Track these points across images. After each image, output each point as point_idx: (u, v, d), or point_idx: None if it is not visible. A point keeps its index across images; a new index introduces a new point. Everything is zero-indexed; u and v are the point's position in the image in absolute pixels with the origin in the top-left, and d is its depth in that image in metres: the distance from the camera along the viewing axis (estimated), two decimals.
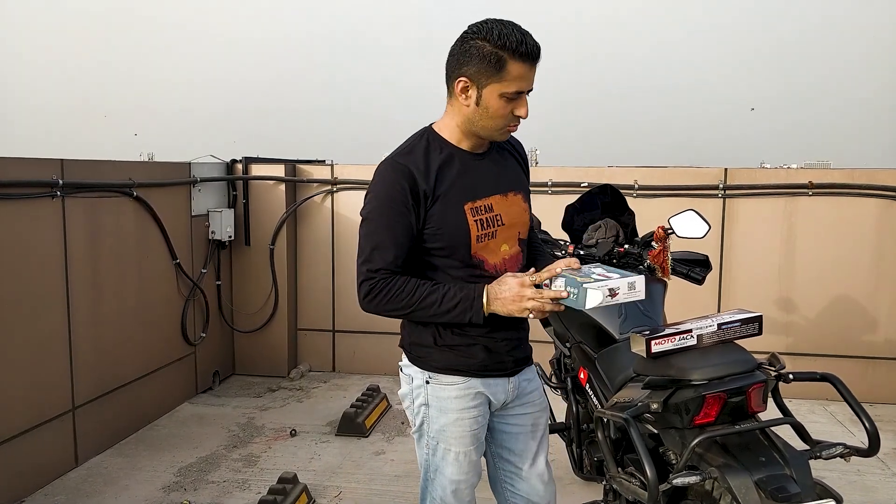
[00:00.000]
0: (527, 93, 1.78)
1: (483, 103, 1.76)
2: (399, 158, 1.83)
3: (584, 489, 3.33)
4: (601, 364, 2.82)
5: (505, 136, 1.86)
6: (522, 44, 1.69)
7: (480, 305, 1.77)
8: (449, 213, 1.80)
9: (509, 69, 1.71)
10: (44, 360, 3.53)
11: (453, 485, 2.00)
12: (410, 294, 1.79)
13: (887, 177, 4.72)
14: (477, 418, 1.96)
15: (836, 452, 1.96)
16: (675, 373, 2.07)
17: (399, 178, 1.78)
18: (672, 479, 1.91)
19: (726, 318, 2.08)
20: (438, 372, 1.94)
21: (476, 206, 1.83)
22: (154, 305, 4.41)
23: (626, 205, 3.17)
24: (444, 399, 1.94)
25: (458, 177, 1.83)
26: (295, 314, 5.46)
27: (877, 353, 4.81)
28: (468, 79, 1.75)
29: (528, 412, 2.07)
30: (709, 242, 4.49)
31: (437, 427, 1.97)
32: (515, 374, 2.02)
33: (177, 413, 4.59)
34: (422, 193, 1.78)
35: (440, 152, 1.84)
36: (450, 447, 1.97)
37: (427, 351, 1.94)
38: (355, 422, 4.20)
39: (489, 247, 1.86)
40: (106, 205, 3.96)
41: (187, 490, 3.49)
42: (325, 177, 5.33)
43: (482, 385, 1.95)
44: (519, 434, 2.07)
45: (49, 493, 3.44)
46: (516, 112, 1.77)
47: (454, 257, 1.84)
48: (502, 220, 1.87)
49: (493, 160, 1.93)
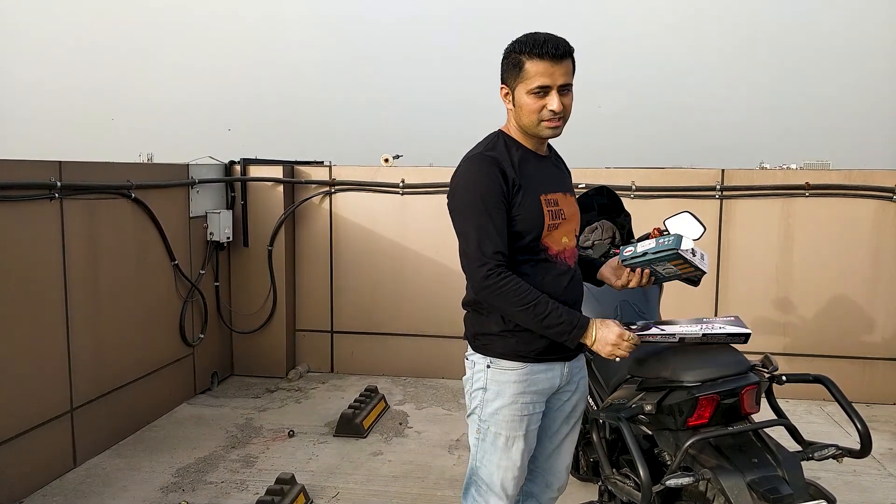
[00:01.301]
0: (558, 89, 1.94)
1: (517, 102, 1.98)
2: (487, 152, 2.01)
3: (579, 490, 3.34)
4: (596, 365, 2.83)
5: (547, 130, 2.00)
6: (539, 45, 1.91)
7: (580, 335, 1.95)
8: (529, 200, 1.98)
9: (527, 68, 1.93)
10: (42, 362, 3.54)
11: (500, 471, 2.07)
12: (526, 295, 1.92)
13: (884, 178, 4.73)
14: (529, 405, 2.05)
15: (829, 454, 1.98)
16: (669, 375, 2.09)
17: (492, 168, 1.96)
18: (666, 480, 1.92)
19: (717, 328, 2.11)
20: (500, 357, 2.05)
21: (548, 199, 2.03)
22: (152, 307, 4.42)
23: (622, 206, 3.18)
24: (503, 383, 2.04)
25: (534, 171, 2.04)
26: (293, 315, 5.47)
27: (874, 353, 4.81)
28: (505, 84, 2.02)
29: (569, 399, 2.18)
30: (706, 244, 4.50)
31: (490, 410, 2.06)
32: (570, 360, 2.12)
33: (175, 414, 4.60)
34: (510, 182, 1.97)
35: (517, 149, 2.04)
36: (500, 430, 2.05)
37: (490, 339, 2.06)
38: (353, 422, 4.21)
39: (553, 236, 2.04)
40: (104, 206, 3.97)
41: (185, 491, 3.50)
42: (323, 178, 5.34)
43: (540, 370, 2.05)
44: (557, 417, 2.18)
45: (47, 494, 3.45)
46: (548, 107, 1.94)
47: (525, 240, 1.99)
48: (564, 215, 2.07)
49: (553, 164, 2.16)
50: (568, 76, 1.95)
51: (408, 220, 5.25)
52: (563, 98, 1.95)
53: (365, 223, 5.30)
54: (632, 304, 2.85)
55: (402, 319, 5.31)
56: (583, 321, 1.96)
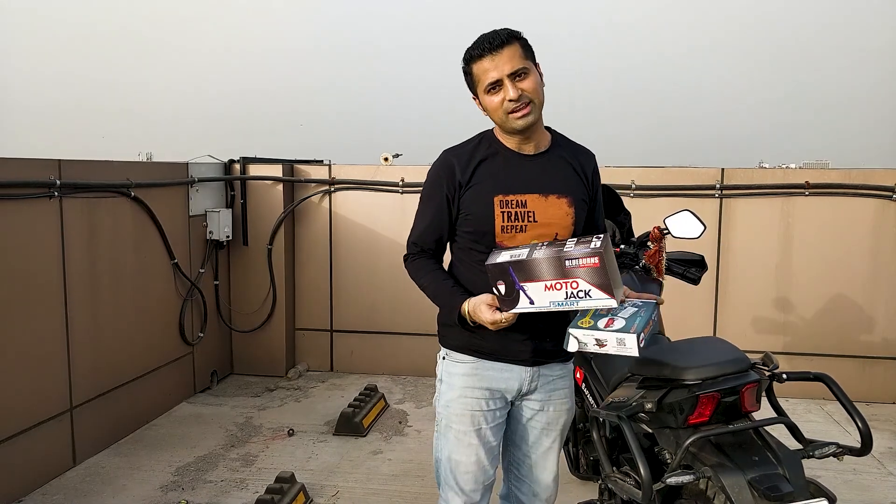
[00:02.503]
0: (509, 77, 1.91)
1: (485, 106, 2.01)
2: (448, 152, 2.08)
3: (579, 488, 3.34)
4: (597, 364, 2.83)
5: (518, 122, 1.95)
6: (474, 46, 1.95)
7: (457, 315, 1.96)
8: (477, 201, 1.98)
9: (475, 72, 1.97)
10: (42, 360, 3.53)
11: (452, 463, 2.05)
12: (421, 277, 2.08)
13: (884, 177, 4.73)
14: (480, 401, 2.02)
15: (829, 452, 1.97)
16: (670, 373, 2.08)
17: (442, 167, 2.04)
18: (666, 478, 1.92)
19: (580, 295, 1.76)
20: (453, 350, 2.07)
21: (507, 200, 1.97)
22: (152, 305, 4.42)
23: (622, 205, 3.17)
24: (453, 375, 2.06)
25: (497, 172, 2.01)
26: (293, 314, 5.47)
27: (873, 352, 4.82)
28: (473, 95, 2.04)
29: (546, 409, 2.10)
30: (705, 242, 4.50)
31: (443, 402, 2.08)
32: (536, 366, 2.04)
33: (175, 413, 4.59)
34: (456, 183, 2.01)
35: (487, 148, 2.04)
36: (451, 423, 2.05)
37: (448, 330, 2.08)
38: (353, 421, 4.21)
39: (517, 239, 1.97)
40: (104, 205, 3.97)
41: (185, 489, 3.50)
42: (322, 177, 5.34)
43: (493, 369, 2.02)
44: (534, 428, 2.11)
45: (47, 493, 3.45)
46: (506, 98, 1.93)
47: (481, 242, 1.99)
48: (534, 218, 1.98)
49: (541, 163, 2.05)
50: (514, 61, 1.90)
51: (407, 218, 5.17)
52: (519, 83, 1.91)
53: (365, 222, 5.30)
54: None
55: (401, 318, 5.30)
56: (459, 301, 1.95)
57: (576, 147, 2.14)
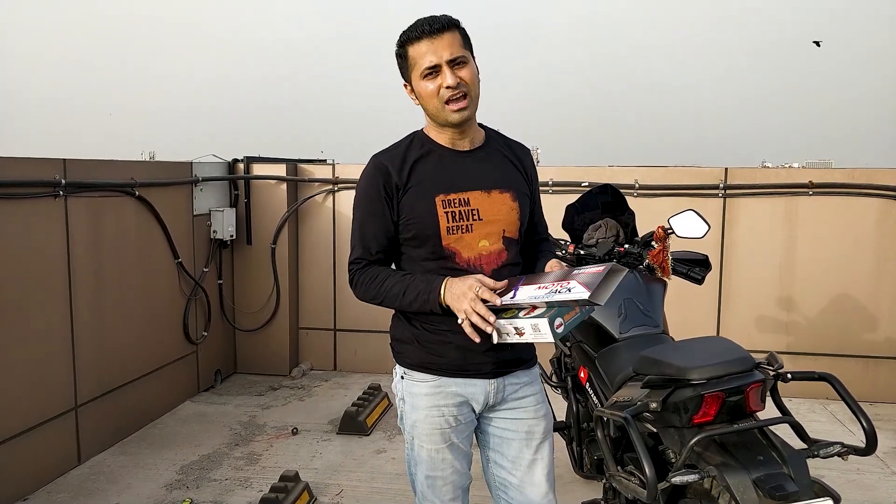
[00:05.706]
0: (448, 63, 1.82)
1: (418, 93, 1.89)
2: (379, 156, 1.94)
3: (584, 487, 3.35)
4: (601, 363, 2.83)
5: (454, 115, 1.86)
6: (414, 28, 1.85)
7: (437, 296, 1.79)
8: (419, 203, 1.87)
9: (411, 54, 1.86)
10: (46, 359, 3.55)
11: (429, 480, 1.99)
12: (380, 284, 1.88)
13: (887, 176, 4.73)
14: (447, 417, 1.93)
15: (834, 451, 1.97)
16: (674, 372, 2.08)
17: (375, 173, 1.90)
18: (671, 477, 1.92)
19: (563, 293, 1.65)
20: (412, 368, 1.96)
21: (449, 199, 1.88)
22: (156, 304, 4.43)
23: (626, 204, 3.17)
24: (416, 395, 1.96)
25: (434, 171, 1.91)
26: (296, 313, 5.48)
27: (877, 352, 4.81)
28: (405, 82, 1.93)
29: (520, 417, 1.99)
30: (709, 242, 4.50)
31: (409, 422, 2.00)
32: (499, 377, 1.95)
33: (179, 411, 4.60)
34: (394, 186, 1.88)
35: (420, 148, 1.94)
36: (422, 444, 1.97)
37: (404, 347, 1.98)
38: (356, 420, 4.21)
39: (464, 240, 1.88)
40: (108, 204, 3.98)
41: (189, 488, 3.51)
42: (326, 176, 5.34)
43: (455, 385, 1.92)
44: (512, 440, 2.00)
45: (52, 491, 3.46)
46: (443, 84, 1.83)
47: (426, 247, 1.89)
48: (479, 216, 1.89)
49: (479, 159, 1.96)
50: (454, 48, 1.82)
51: None
52: (457, 71, 1.82)
53: None
54: (636, 302, 2.85)
55: None
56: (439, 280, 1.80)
57: (510, 142, 2.07)
